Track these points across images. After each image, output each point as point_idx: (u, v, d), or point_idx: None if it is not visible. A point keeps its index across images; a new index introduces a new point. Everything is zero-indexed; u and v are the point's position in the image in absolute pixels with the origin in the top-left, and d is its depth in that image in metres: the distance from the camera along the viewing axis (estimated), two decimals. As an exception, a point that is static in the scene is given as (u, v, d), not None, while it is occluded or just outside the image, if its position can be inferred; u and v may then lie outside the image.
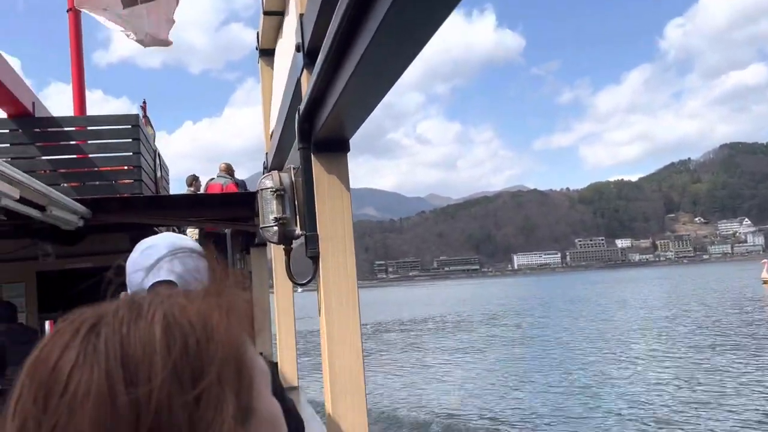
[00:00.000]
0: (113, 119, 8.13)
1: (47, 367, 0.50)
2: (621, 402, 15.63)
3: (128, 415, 0.46)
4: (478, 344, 29.33)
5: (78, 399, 0.47)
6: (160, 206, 7.74)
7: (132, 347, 0.49)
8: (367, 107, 2.38)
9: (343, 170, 2.80)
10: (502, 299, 68.64)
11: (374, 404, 16.58)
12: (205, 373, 0.50)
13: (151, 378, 0.48)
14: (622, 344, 25.74)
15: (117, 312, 0.53)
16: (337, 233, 2.76)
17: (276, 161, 4.33)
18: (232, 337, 0.54)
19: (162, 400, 0.47)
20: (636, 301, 52.90)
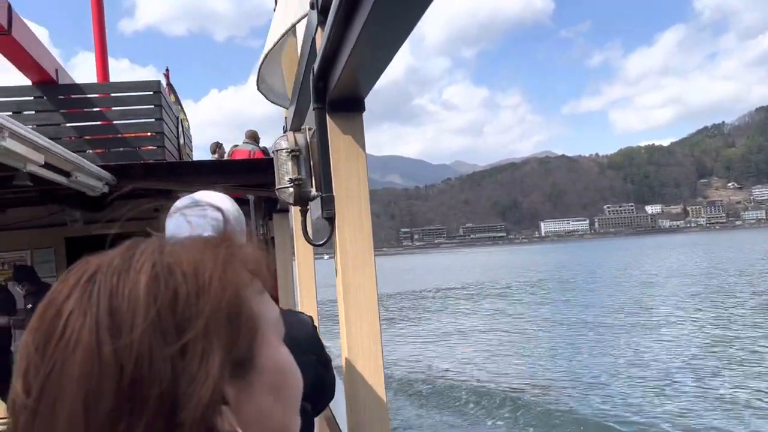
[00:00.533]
0: (136, 86, 8.16)
1: (50, 314, 0.50)
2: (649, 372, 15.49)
3: (112, 365, 0.46)
4: (503, 313, 29.15)
5: (70, 347, 0.48)
6: (183, 172, 7.79)
7: (119, 297, 0.49)
8: (380, 62, 2.32)
9: (358, 130, 2.76)
10: (532, 268, 67.18)
11: (393, 370, 16.74)
12: (190, 325, 0.49)
13: (133, 329, 0.47)
14: (656, 312, 25.35)
15: (112, 261, 0.53)
16: (353, 194, 2.74)
17: (295, 124, 4.31)
18: (227, 289, 0.53)
19: (143, 352, 0.47)
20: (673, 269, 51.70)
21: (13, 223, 8.06)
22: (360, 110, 2.77)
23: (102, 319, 0.48)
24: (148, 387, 0.46)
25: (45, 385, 0.48)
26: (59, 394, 0.47)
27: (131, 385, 0.46)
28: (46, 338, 0.49)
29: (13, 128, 4.17)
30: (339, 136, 2.75)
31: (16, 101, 7.42)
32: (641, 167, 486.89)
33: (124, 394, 0.46)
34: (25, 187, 5.80)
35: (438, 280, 53.87)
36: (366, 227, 2.74)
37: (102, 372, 0.46)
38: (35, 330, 0.51)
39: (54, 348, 0.48)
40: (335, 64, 2.48)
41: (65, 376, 0.47)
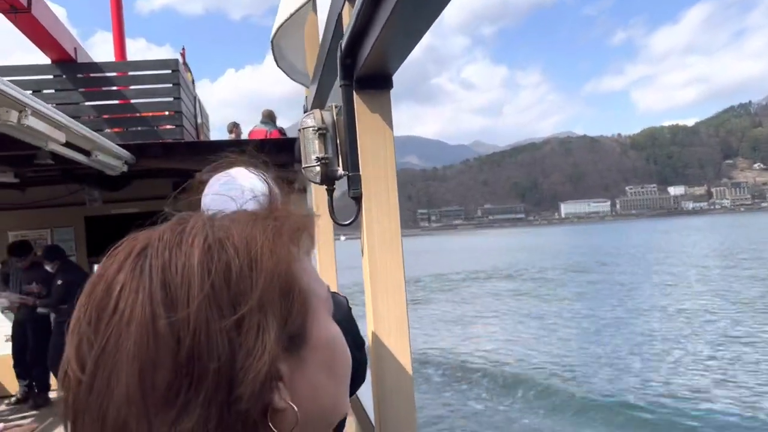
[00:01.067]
0: (154, 64, 8.15)
1: (100, 289, 0.51)
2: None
3: (168, 339, 0.46)
4: (530, 297, 28.77)
5: (124, 321, 0.48)
6: (201, 152, 7.79)
7: (172, 271, 0.49)
8: (412, 38, 2.27)
9: (385, 108, 2.71)
10: (552, 251, 65.66)
11: (420, 349, 16.75)
12: (245, 298, 0.49)
13: (189, 302, 0.47)
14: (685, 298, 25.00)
15: (162, 235, 0.53)
16: (380, 173, 2.70)
17: (316, 102, 4.26)
18: (279, 263, 0.52)
19: (199, 326, 0.47)
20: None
21: (33, 202, 8.12)
22: (388, 87, 2.72)
23: (156, 293, 0.48)
24: (206, 361, 0.46)
25: (100, 359, 0.47)
26: (115, 368, 0.47)
27: (189, 359, 0.46)
28: (98, 313, 0.49)
29: (35, 106, 4.16)
30: (366, 114, 2.70)
31: (36, 80, 7.42)
32: (665, 147, 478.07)
33: (182, 368, 0.46)
34: (45, 166, 5.83)
35: (457, 264, 52.59)
36: (393, 207, 2.71)
37: (158, 346, 0.46)
38: (86, 305, 0.51)
39: (107, 323, 0.48)
40: (364, 40, 2.43)
41: (120, 351, 0.47)
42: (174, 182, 8.59)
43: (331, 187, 2.90)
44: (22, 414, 6.99)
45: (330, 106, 2.84)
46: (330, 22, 3.16)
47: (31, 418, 6.80)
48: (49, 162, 5.47)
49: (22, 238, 7.88)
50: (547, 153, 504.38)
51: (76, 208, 8.07)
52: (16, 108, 3.93)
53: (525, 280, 35.66)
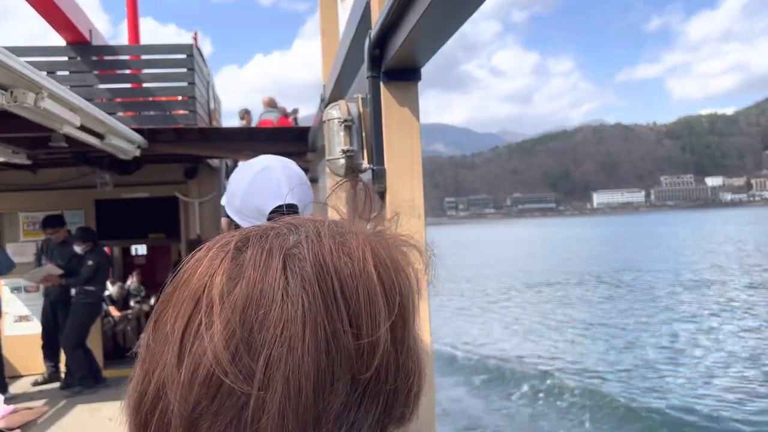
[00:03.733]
0: (168, 48, 8.11)
1: (245, 289, 0.45)
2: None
3: (351, 358, 0.44)
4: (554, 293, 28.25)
5: (297, 332, 0.43)
6: (213, 138, 7.76)
7: (350, 287, 0.46)
8: (446, 33, 2.20)
9: (413, 100, 2.65)
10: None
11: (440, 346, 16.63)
12: (408, 323, 0.49)
13: (374, 325, 0.45)
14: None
15: (317, 240, 0.48)
16: (406, 168, 2.64)
17: (335, 91, 4.19)
18: (415, 286, 0.52)
19: (385, 350, 0.46)
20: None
21: (44, 184, 8.10)
22: (416, 80, 2.65)
23: (331, 306, 0.45)
24: (382, 383, 0.46)
25: (267, 371, 0.43)
26: (287, 383, 0.43)
27: (369, 381, 0.45)
28: (253, 318, 0.44)
29: (52, 89, 4.12)
30: (393, 107, 2.64)
31: (50, 61, 7.38)
32: (702, 137, 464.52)
33: (358, 389, 0.45)
34: (58, 148, 5.80)
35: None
36: (418, 203, 2.65)
37: (337, 364, 0.44)
38: (225, 304, 0.44)
39: (273, 330, 0.43)
40: (396, 33, 2.36)
41: (295, 365, 0.43)
42: (186, 168, 8.58)
43: (355, 181, 2.85)
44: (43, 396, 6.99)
45: (356, 97, 2.78)
46: (356, 11, 3.10)
47: (45, 399, 6.80)
48: (63, 145, 5.44)
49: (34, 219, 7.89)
50: (579, 141, 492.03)
51: (86, 191, 8.05)
52: (33, 90, 3.89)
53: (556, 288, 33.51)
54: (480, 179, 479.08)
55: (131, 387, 0.49)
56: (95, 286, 7.16)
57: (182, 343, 0.45)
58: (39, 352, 7.44)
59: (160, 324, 0.48)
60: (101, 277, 7.33)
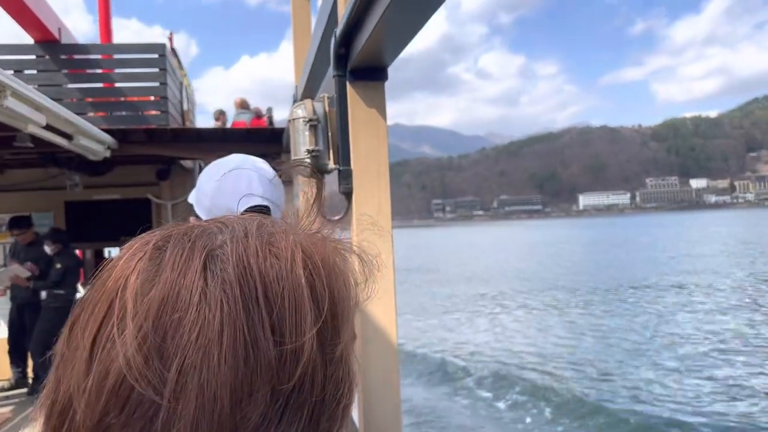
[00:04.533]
0: (140, 48, 7.99)
1: (160, 291, 0.42)
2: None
3: (272, 366, 0.41)
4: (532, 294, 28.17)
5: (209, 337, 0.40)
6: (186, 139, 7.65)
7: (274, 290, 0.42)
8: (410, 29, 2.17)
9: (380, 100, 2.62)
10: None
11: (411, 348, 16.59)
12: (343, 330, 0.46)
13: (298, 331, 0.42)
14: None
15: (243, 239, 0.45)
16: (372, 168, 2.61)
17: (306, 92, 4.15)
18: (354, 291, 0.49)
19: (310, 358, 0.42)
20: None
21: (12, 185, 7.93)
22: (382, 79, 2.62)
23: (253, 310, 0.41)
24: (306, 394, 0.42)
25: (180, 379, 0.40)
26: (201, 391, 0.39)
27: (291, 391, 0.42)
28: (167, 322, 0.41)
29: (15, 87, 4.02)
30: (359, 107, 2.61)
31: (18, 60, 7.23)
32: (687, 139, 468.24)
33: (279, 399, 0.41)
34: (25, 149, 5.67)
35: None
36: (385, 203, 2.61)
37: (257, 372, 0.40)
38: (139, 308, 0.41)
39: (188, 336, 0.40)
40: (361, 30, 2.33)
41: (209, 372, 0.39)
42: (158, 169, 8.46)
43: (321, 182, 2.80)
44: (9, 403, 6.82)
45: (322, 96, 2.74)
46: (324, 9, 3.06)
47: (11, 406, 6.64)
48: (29, 145, 5.31)
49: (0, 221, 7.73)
50: (565, 143, 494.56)
51: (56, 193, 7.89)
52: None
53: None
54: (467, 181, 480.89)
55: (43, 395, 0.45)
56: (65, 289, 7.02)
57: (93, 349, 0.41)
58: (5, 357, 7.26)
59: (76, 328, 0.44)
60: (71, 280, 7.18)
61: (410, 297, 27.27)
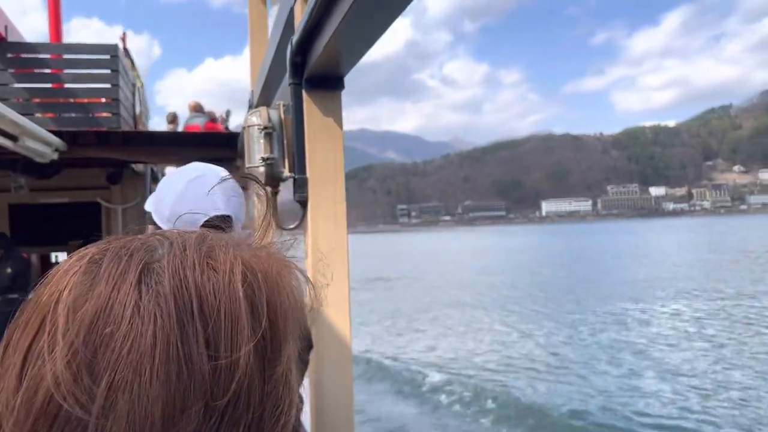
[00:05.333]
0: (91, 48, 7.79)
1: (92, 306, 0.41)
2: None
3: (206, 381, 0.40)
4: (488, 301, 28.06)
5: (146, 352, 0.39)
6: (138, 142, 7.49)
7: (210, 303, 0.42)
8: (367, 39, 2.17)
9: (336, 109, 2.61)
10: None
11: (368, 355, 16.52)
12: (284, 346, 0.45)
13: (234, 345, 0.41)
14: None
15: (181, 252, 0.44)
16: (328, 177, 2.60)
17: (262, 99, 4.11)
18: (301, 306, 0.48)
19: (245, 372, 0.41)
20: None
21: None
22: (339, 88, 2.62)
23: (188, 324, 0.40)
24: (242, 411, 0.41)
25: (110, 395, 0.38)
26: (133, 408, 0.38)
27: (225, 407, 0.40)
28: (99, 337, 0.40)
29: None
30: (315, 115, 2.60)
31: (-40, 57, 6.98)
32: (646, 147, 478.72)
33: (213, 415, 0.40)
34: (-34, 150, 5.46)
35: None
36: (340, 213, 2.61)
37: (190, 387, 0.39)
38: (71, 323, 0.40)
39: (118, 352, 0.39)
40: (317, 38, 2.32)
41: (141, 387, 0.38)
42: (109, 173, 8.26)
43: (275, 190, 2.78)
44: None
45: (277, 104, 2.72)
46: (281, 16, 3.04)
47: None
48: (-29, 146, 5.12)
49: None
50: (528, 150, 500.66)
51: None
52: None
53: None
54: (432, 186, 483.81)
55: None
56: (18, 293, 6.77)
57: (23, 367, 0.41)
58: None
59: (9, 346, 0.43)
60: (22, 283, 6.94)
61: (381, 305, 27.16)
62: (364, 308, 25.77)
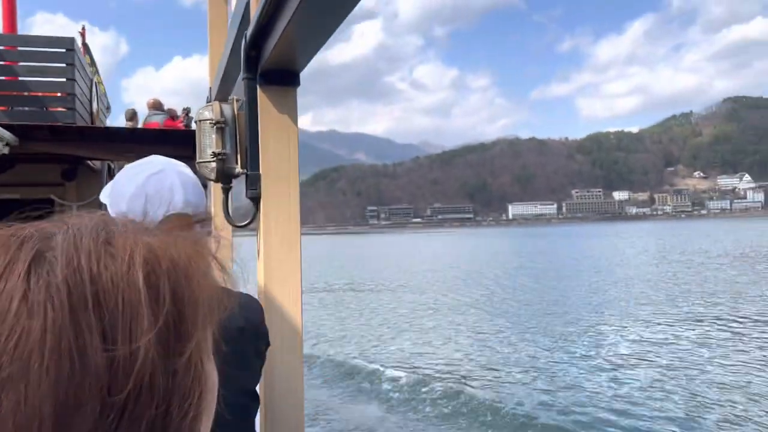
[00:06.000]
0: (47, 41, 7.60)
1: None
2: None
3: (101, 376, 0.37)
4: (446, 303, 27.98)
5: (30, 345, 0.36)
6: (94, 138, 7.32)
7: (107, 292, 0.39)
8: (321, 34, 2.15)
9: (291, 106, 2.58)
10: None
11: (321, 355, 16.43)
12: (189, 336, 0.42)
13: (134, 336, 0.39)
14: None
15: (76, 239, 0.41)
16: (282, 173, 2.56)
17: (220, 94, 4.05)
18: (214, 294, 0.45)
19: (146, 364, 0.39)
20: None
21: None
22: (294, 84, 2.58)
23: (82, 315, 0.38)
24: (143, 406, 0.39)
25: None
26: (20, 406, 0.36)
27: (125, 402, 0.38)
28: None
29: None
30: (270, 111, 2.56)
31: None
32: (610, 153, 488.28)
33: (111, 411, 0.38)
34: None
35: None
36: (294, 210, 2.57)
37: (84, 383, 0.37)
38: None
39: (3, 346, 0.37)
40: (271, 32, 2.29)
41: (29, 384, 0.36)
42: (64, 169, 8.05)
43: (227, 186, 2.72)
44: None
45: (231, 98, 2.67)
46: (238, 10, 3.00)
47: None
48: None
49: None
50: (496, 154, 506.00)
51: None
52: None
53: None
54: (401, 189, 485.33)
55: None
56: None
57: None
58: None
59: None
60: None
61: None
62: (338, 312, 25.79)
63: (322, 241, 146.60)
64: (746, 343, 17.14)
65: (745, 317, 21.21)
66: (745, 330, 19.01)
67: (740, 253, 50.64)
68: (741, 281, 31.40)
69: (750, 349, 16.35)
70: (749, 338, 17.84)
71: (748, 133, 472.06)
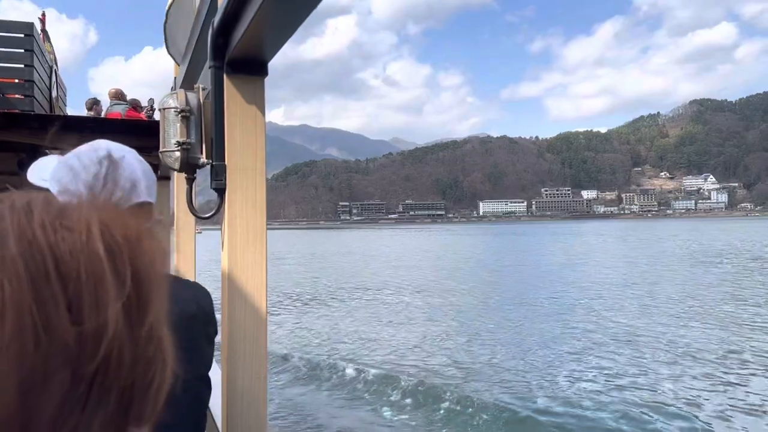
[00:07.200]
0: (4, 26, 7.35)
1: None
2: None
3: (70, 348, 0.37)
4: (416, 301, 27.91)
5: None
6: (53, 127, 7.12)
7: (67, 263, 0.38)
8: (290, 22, 2.11)
9: (259, 95, 2.53)
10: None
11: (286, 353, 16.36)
12: (152, 306, 0.43)
13: (100, 308, 0.38)
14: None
15: (27, 212, 0.40)
16: (248, 164, 2.51)
17: (186, 83, 3.96)
18: (164, 271, 0.46)
19: (115, 335, 0.39)
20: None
21: None
22: (262, 74, 2.54)
23: (43, 284, 0.37)
24: (112, 378, 0.39)
25: None
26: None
27: (94, 375, 0.38)
28: None
29: None
30: (237, 100, 2.51)
31: None
32: (579, 152, 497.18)
33: (80, 385, 0.38)
34: None
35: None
36: (260, 202, 2.53)
37: (51, 357, 0.36)
38: None
39: None
40: (239, 20, 2.24)
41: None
42: (20, 158, 7.80)
43: (191, 176, 2.66)
44: None
45: (197, 87, 2.61)
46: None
47: None
48: None
49: None
50: (467, 152, 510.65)
51: None
52: None
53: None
54: (374, 185, 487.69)
55: None
56: None
57: None
58: None
59: None
60: None
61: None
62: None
63: (291, 237, 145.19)
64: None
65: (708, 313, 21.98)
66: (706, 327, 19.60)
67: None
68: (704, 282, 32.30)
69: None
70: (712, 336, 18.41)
71: (712, 135, 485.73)
